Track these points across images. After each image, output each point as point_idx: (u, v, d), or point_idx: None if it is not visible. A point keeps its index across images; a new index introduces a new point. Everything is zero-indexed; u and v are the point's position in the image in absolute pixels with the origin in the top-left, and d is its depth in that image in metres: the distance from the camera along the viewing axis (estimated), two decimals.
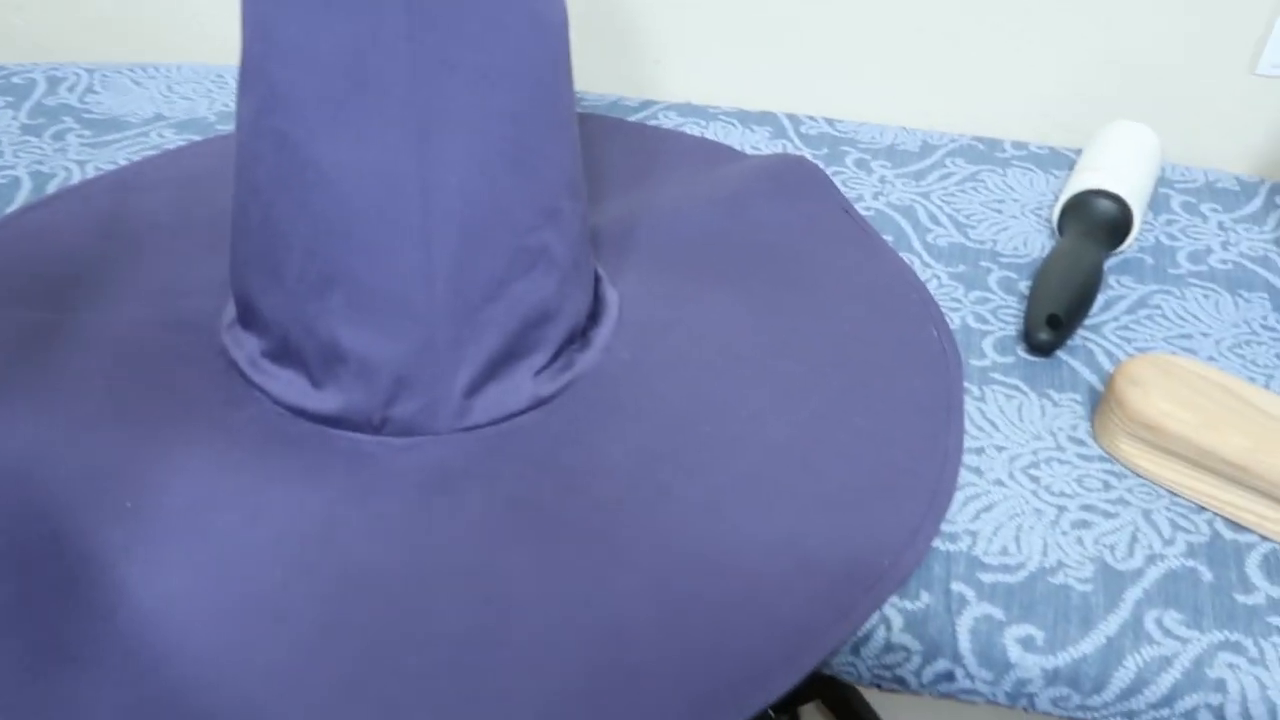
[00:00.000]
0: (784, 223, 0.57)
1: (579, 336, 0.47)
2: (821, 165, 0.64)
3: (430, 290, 0.40)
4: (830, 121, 0.69)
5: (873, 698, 0.82)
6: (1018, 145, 0.68)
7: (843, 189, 0.62)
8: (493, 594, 0.36)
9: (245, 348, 0.45)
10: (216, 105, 0.69)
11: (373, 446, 0.42)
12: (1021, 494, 0.42)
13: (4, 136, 0.64)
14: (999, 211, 0.61)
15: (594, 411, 0.44)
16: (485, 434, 0.43)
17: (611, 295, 0.50)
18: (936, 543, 0.39)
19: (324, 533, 0.38)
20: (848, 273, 0.54)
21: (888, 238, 0.58)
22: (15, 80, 0.70)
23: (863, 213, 0.60)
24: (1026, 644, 0.36)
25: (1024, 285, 0.55)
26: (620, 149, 0.65)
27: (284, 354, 0.43)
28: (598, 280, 0.50)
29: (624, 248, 0.55)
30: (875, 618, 0.37)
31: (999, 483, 0.42)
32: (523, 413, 0.44)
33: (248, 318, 0.45)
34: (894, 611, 0.37)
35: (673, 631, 0.35)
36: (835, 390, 0.45)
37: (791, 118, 0.69)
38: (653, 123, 0.69)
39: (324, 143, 0.39)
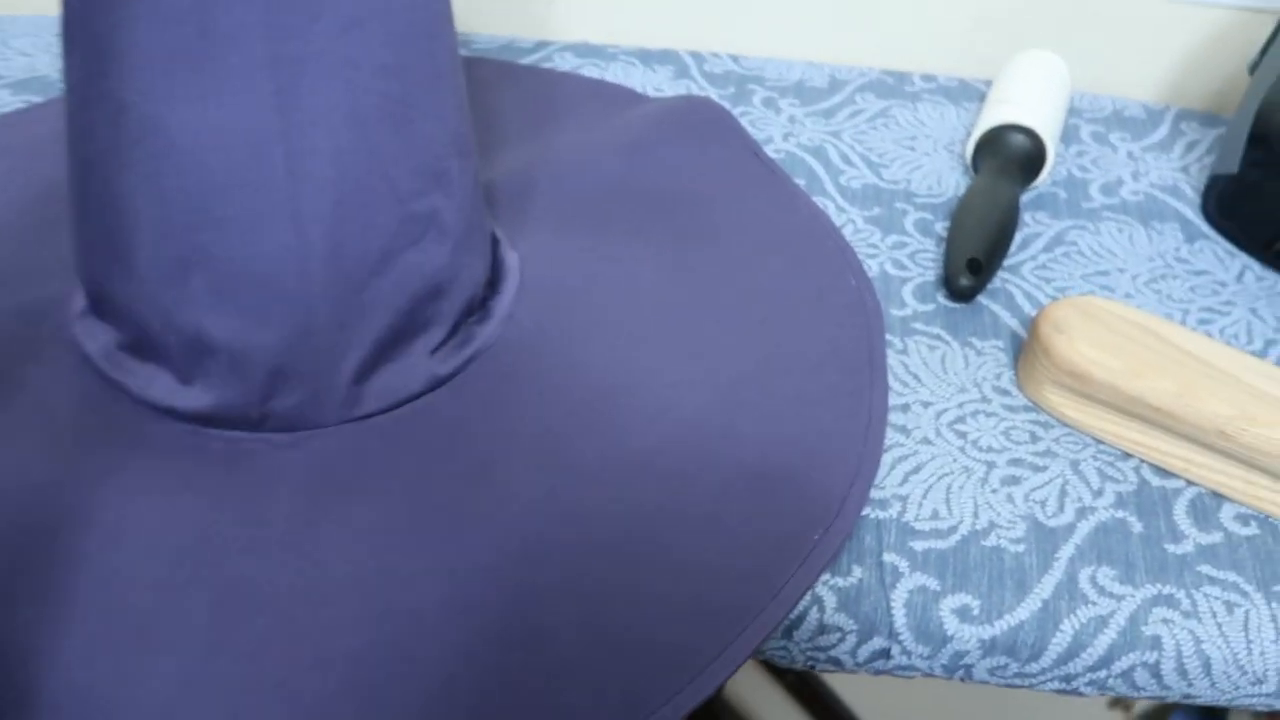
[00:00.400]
0: (691, 170, 0.54)
1: (478, 307, 0.43)
2: (728, 105, 0.61)
3: (304, 268, 0.36)
4: (735, 58, 0.66)
5: None
6: (927, 78, 0.66)
7: (751, 130, 0.59)
8: (394, 606, 0.33)
9: (99, 340, 0.39)
10: (60, 61, 0.62)
11: (253, 444, 0.38)
12: (949, 451, 0.40)
13: None
14: (911, 149, 0.59)
15: (499, 389, 0.41)
16: (379, 423, 0.39)
17: (511, 259, 0.46)
18: (866, 510, 0.38)
19: (199, 547, 0.35)
20: (760, 221, 0.51)
21: (800, 181, 0.55)
22: None
23: (773, 155, 0.57)
24: (963, 614, 0.34)
25: (941, 227, 0.53)
26: (513, 96, 0.61)
27: (144, 347, 0.38)
28: (495, 243, 0.46)
29: (523, 205, 0.51)
30: (807, 598, 0.35)
31: (926, 441, 0.41)
32: (420, 395, 0.40)
33: (100, 307, 0.39)
34: (826, 590, 0.35)
35: (595, 631, 0.33)
36: (755, 351, 0.43)
37: (695, 56, 0.66)
38: (547, 65, 0.64)
39: (168, 105, 0.34)
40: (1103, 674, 0.34)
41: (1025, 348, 0.43)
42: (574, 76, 0.63)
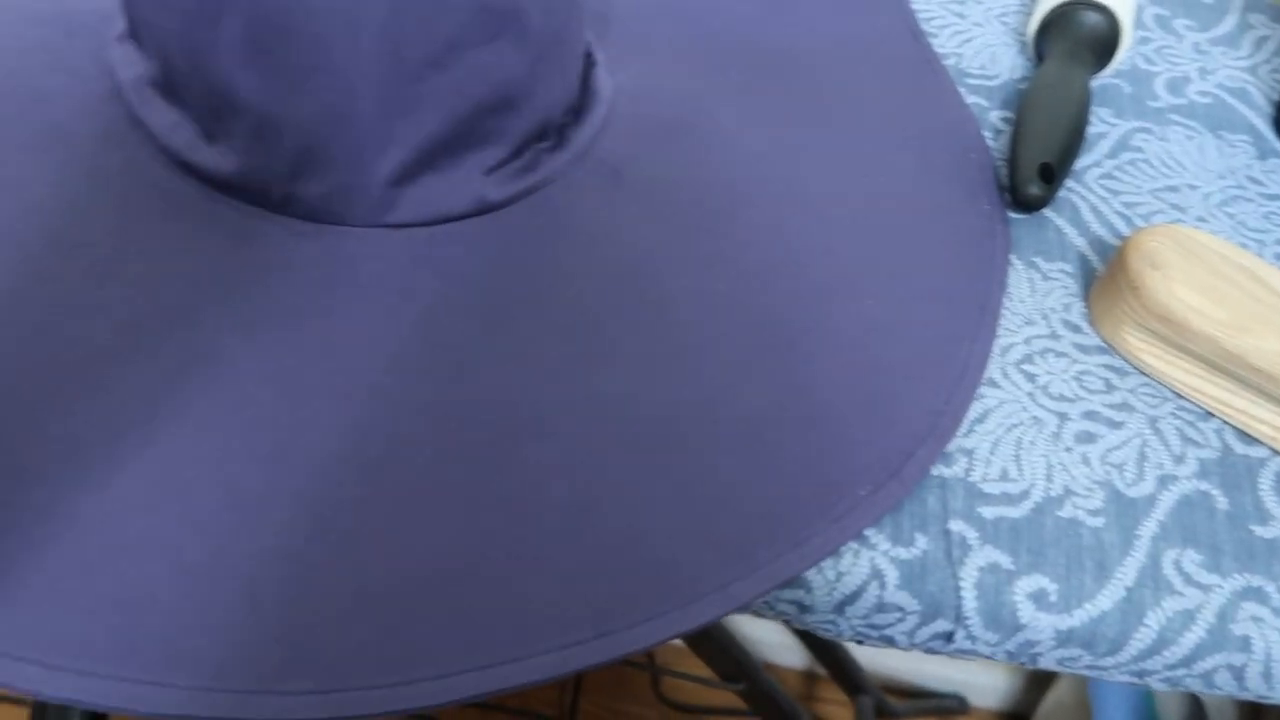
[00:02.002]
0: (837, 34, 0.46)
1: (553, 133, 0.36)
2: None
3: (354, 38, 0.30)
4: None
5: None
6: None
7: None
8: (373, 442, 0.29)
9: (133, 69, 0.34)
10: None
11: (268, 226, 0.33)
12: (1018, 397, 0.35)
13: None
14: (960, 16, 0.51)
15: (555, 231, 0.35)
16: (412, 236, 0.34)
17: (605, 87, 0.39)
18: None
19: (186, 322, 0.30)
20: (901, 113, 0.44)
21: None
22: None
23: None
24: (1039, 600, 0.30)
25: (997, 116, 0.46)
26: None
27: (173, 88, 0.33)
28: (591, 65, 0.39)
29: (634, 30, 0.43)
30: (865, 570, 0.30)
31: (992, 382, 0.35)
32: (464, 218, 0.34)
33: (137, 31, 0.34)
34: (888, 564, 0.30)
35: (583, 520, 0.28)
36: (851, 260, 0.37)
37: None
38: None
39: None
40: (1181, 672, 0.31)
41: (1105, 279, 0.38)
42: None
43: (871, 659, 0.73)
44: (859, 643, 0.32)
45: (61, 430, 0.27)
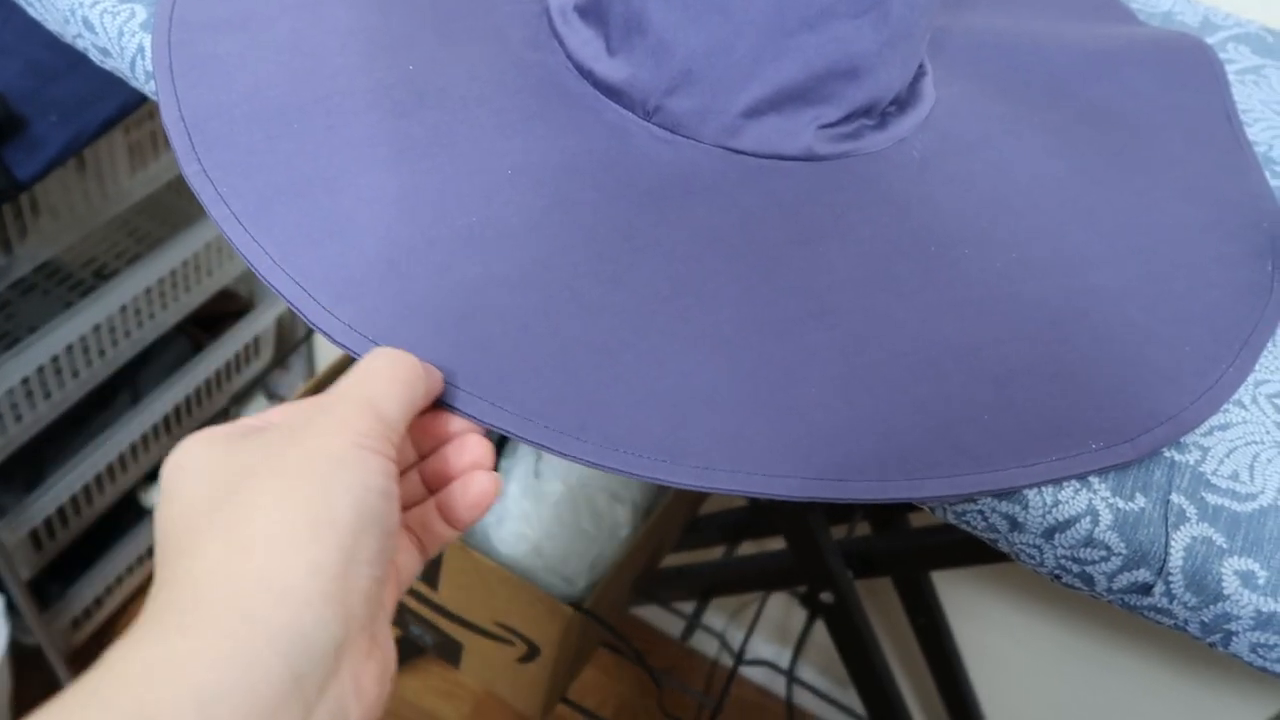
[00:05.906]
0: (1155, 103, 0.50)
1: (878, 114, 0.43)
2: None
3: None
4: None
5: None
6: None
7: None
8: (686, 314, 0.35)
9: None
10: None
11: (636, 128, 0.41)
12: (1262, 422, 0.37)
13: None
14: (1279, 114, 0.53)
15: (858, 192, 0.41)
16: (746, 162, 0.41)
17: (929, 92, 0.45)
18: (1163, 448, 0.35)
19: (557, 180, 0.38)
20: (1201, 176, 0.47)
21: None
22: None
23: None
24: (1246, 579, 0.32)
25: None
26: None
27: (592, 11, 0.42)
28: (922, 73, 0.45)
29: (965, 59, 0.50)
30: (1082, 505, 0.33)
31: (1239, 404, 0.37)
32: (790, 159, 0.41)
33: None
34: (1105, 507, 0.33)
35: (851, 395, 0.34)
36: (1128, 274, 0.41)
37: None
38: None
39: None
40: None
41: None
42: None
43: None
44: (1057, 579, 0.34)
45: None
